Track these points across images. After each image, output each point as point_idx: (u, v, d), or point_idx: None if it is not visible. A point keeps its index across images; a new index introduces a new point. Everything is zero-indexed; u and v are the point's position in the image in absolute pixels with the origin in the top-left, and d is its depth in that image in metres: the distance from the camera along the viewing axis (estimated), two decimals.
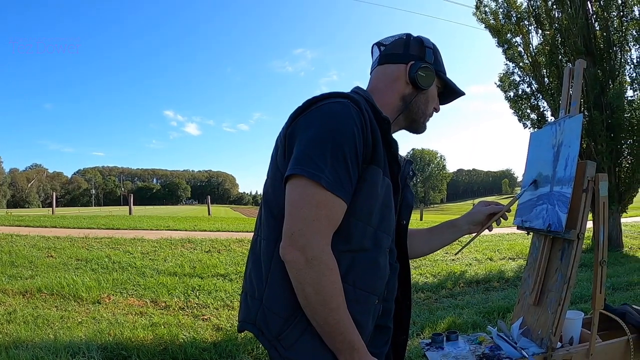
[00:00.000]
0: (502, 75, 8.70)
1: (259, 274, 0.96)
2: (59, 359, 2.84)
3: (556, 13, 7.74)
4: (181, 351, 3.07)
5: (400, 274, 1.09)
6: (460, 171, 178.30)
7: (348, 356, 0.89)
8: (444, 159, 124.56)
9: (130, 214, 16.14)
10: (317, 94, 0.96)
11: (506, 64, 8.57)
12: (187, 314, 3.99)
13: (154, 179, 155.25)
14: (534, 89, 8.32)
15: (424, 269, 6.06)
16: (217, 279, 5.22)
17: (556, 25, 7.68)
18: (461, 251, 6.94)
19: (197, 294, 4.59)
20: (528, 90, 8.43)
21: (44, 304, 4.13)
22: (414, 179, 1.22)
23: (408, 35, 1.10)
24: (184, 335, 3.37)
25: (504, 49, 8.42)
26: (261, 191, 1.07)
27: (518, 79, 8.53)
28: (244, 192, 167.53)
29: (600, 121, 7.09)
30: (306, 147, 0.87)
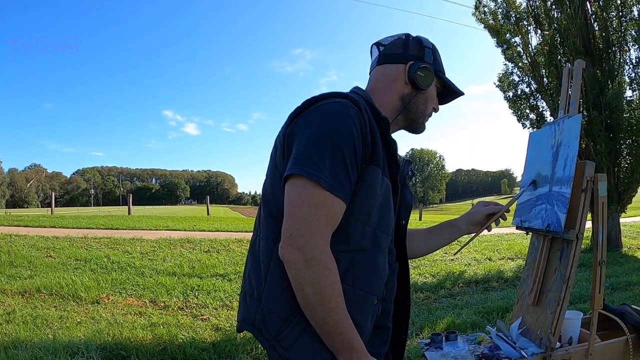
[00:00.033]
0: (501, 75, 8.70)
1: (258, 274, 0.96)
2: (58, 359, 2.84)
3: (555, 13, 7.75)
4: (180, 351, 3.07)
5: (400, 274, 1.09)
6: (460, 171, 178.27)
7: (347, 356, 0.89)
8: (443, 159, 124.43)
9: (129, 214, 16.15)
10: (317, 94, 0.96)
11: (505, 64, 8.58)
12: (186, 314, 3.99)
13: (153, 179, 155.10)
14: (533, 89, 8.32)
15: (423, 269, 6.06)
16: (216, 279, 5.22)
17: (555, 25, 7.69)
18: (460, 251, 6.95)
19: (196, 294, 4.59)
20: (527, 90, 8.43)
21: (42, 304, 4.13)
22: (413, 179, 1.22)
23: (407, 35, 1.10)
24: (183, 335, 3.37)
25: (503, 49, 8.41)
26: (260, 191, 1.07)
27: (517, 79, 8.54)
28: (243, 192, 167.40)
29: (599, 121, 7.10)
30: (305, 147, 0.87)
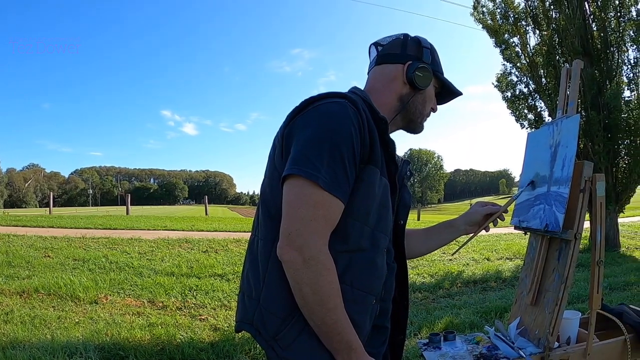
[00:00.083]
0: (499, 75, 8.71)
1: (257, 274, 0.96)
2: (56, 359, 2.83)
3: (553, 13, 7.75)
4: (178, 351, 3.06)
5: (398, 274, 1.09)
6: (458, 171, 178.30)
7: (345, 356, 0.88)
8: (442, 159, 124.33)
9: (127, 214, 16.11)
10: (315, 94, 0.96)
11: (504, 64, 8.59)
12: (184, 314, 3.99)
13: (151, 179, 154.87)
14: (531, 89, 8.33)
15: (421, 269, 6.06)
16: (215, 279, 5.21)
17: (553, 25, 7.70)
18: (458, 251, 6.92)
19: (195, 294, 4.58)
20: (525, 90, 8.44)
21: (41, 304, 4.12)
22: (411, 179, 1.22)
23: (405, 36, 1.10)
24: (181, 335, 3.36)
25: (501, 49, 8.43)
26: (258, 191, 1.07)
27: (515, 79, 8.55)
28: (242, 192, 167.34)
29: (597, 121, 7.11)
30: (303, 147, 0.87)
